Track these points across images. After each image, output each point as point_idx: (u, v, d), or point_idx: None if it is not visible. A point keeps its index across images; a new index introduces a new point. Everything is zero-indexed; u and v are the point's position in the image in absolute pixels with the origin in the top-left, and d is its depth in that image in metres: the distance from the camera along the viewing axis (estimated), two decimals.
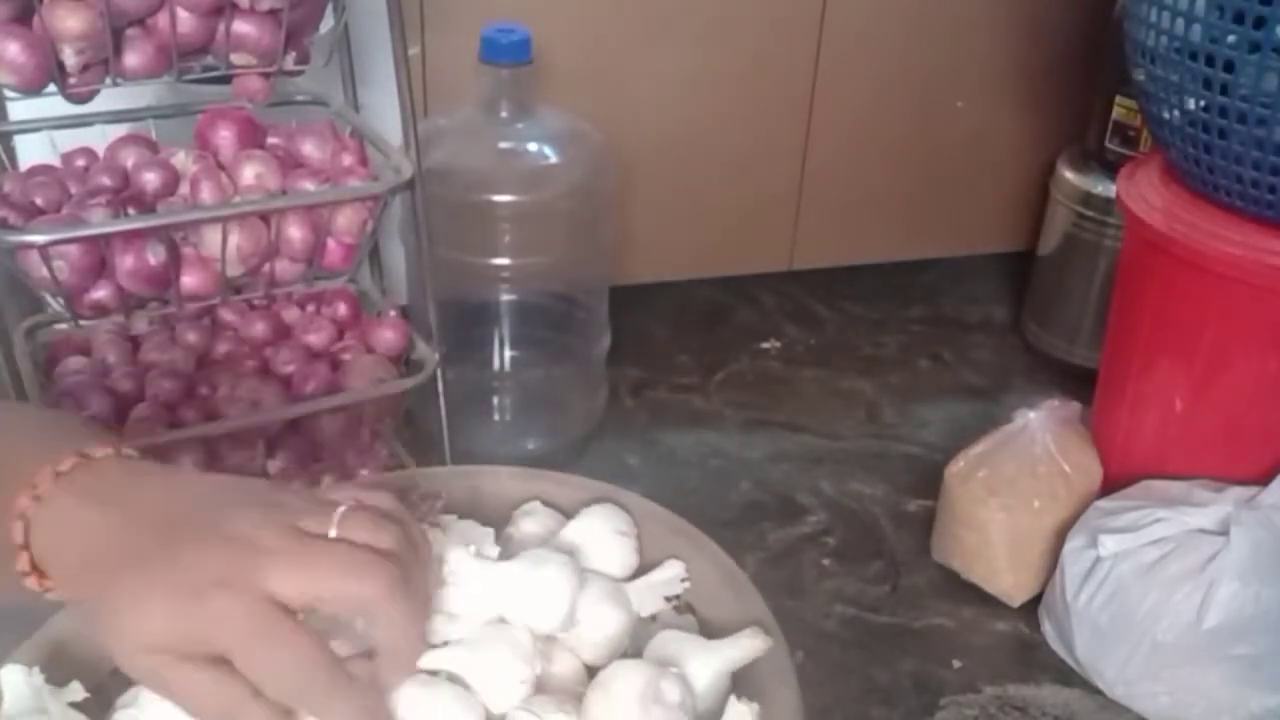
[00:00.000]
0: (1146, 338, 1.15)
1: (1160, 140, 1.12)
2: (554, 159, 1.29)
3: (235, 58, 0.90)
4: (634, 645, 0.60)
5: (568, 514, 0.66)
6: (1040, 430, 1.15)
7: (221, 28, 0.87)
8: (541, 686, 0.56)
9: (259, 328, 1.08)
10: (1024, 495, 1.14)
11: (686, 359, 1.59)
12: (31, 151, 1.02)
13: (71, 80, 0.84)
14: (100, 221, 0.87)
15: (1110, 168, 1.41)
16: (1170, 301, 1.12)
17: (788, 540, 1.27)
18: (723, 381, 1.55)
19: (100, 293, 0.91)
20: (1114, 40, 1.25)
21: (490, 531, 0.64)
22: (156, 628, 0.44)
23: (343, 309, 1.10)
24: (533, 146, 1.30)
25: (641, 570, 0.64)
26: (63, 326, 1.03)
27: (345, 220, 0.97)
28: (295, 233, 0.95)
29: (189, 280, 0.94)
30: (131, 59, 0.86)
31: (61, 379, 1.01)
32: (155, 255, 0.90)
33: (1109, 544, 1.04)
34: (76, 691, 0.53)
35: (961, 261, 1.81)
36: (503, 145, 1.29)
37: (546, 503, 0.67)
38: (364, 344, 1.08)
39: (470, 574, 0.57)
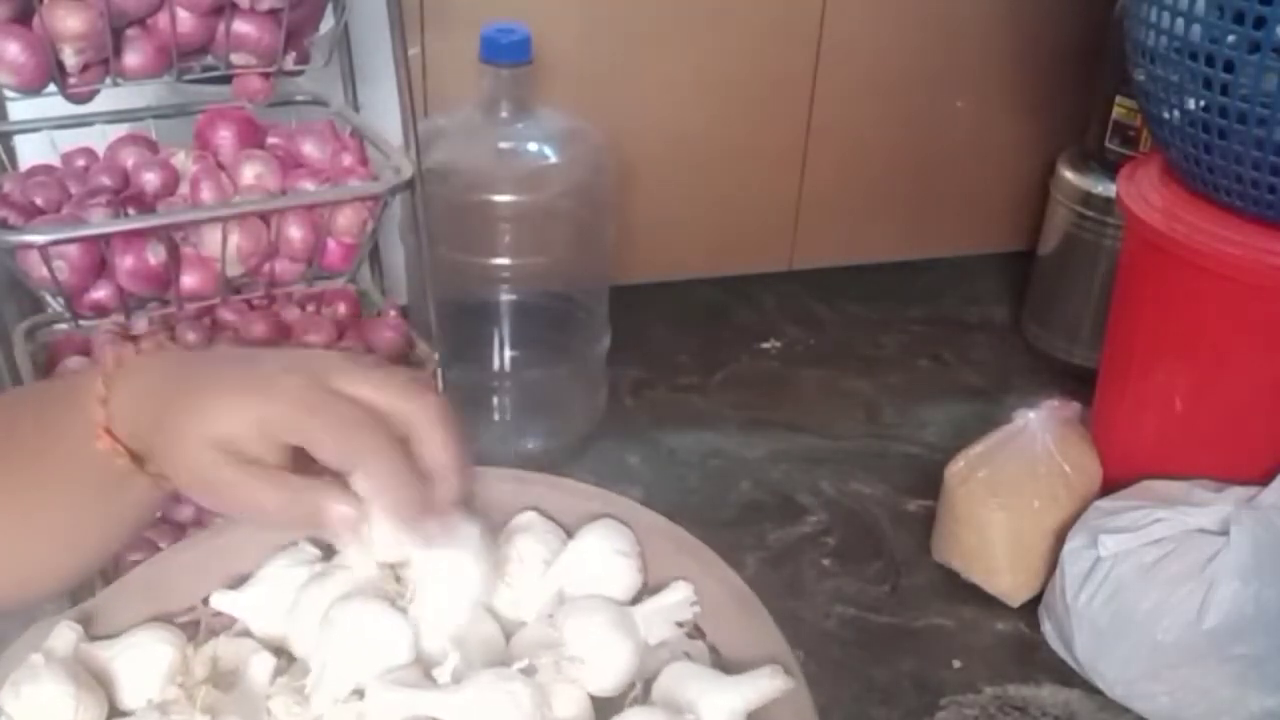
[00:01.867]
0: (1146, 338, 1.15)
1: (1160, 140, 1.12)
2: (554, 159, 1.29)
3: (235, 58, 0.90)
4: (641, 673, 0.58)
5: (563, 524, 0.64)
6: (1040, 430, 1.15)
7: (221, 28, 0.87)
8: None
9: (259, 328, 1.07)
10: (1024, 495, 1.14)
11: (686, 359, 1.59)
12: (31, 151, 1.02)
13: (71, 80, 0.84)
14: (100, 221, 0.87)
15: (1110, 168, 1.41)
16: (1170, 301, 1.12)
17: (788, 540, 1.27)
18: (723, 381, 1.55)
19: (100, 293, 0.91)
20: (1114, 40, 1.25)
21: (480, 532, 0.62)
22: (225, 418, 0.48)
23: (343, 309, 1.10)
24: (533, 146, 1.30)
25: (646, 590, 0.62)
26: (63, 326, 1.03)
27: (345, 220, 0.97)
28: (295, 233, 0.95)
29: (189, 280, 0.94)
30: (131, 59, 0.86)
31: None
32: (155, 255, 0.90)
33: (1109, 544, 1.04)
34: None
35: (961, 261, 1.81)
36: (503, 145, 1.29)
37: (542, 513, 0.65)
38: (364, 344, 1.08)
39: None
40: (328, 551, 0.63)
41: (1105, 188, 1.45)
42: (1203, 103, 1.03)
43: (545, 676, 0.55)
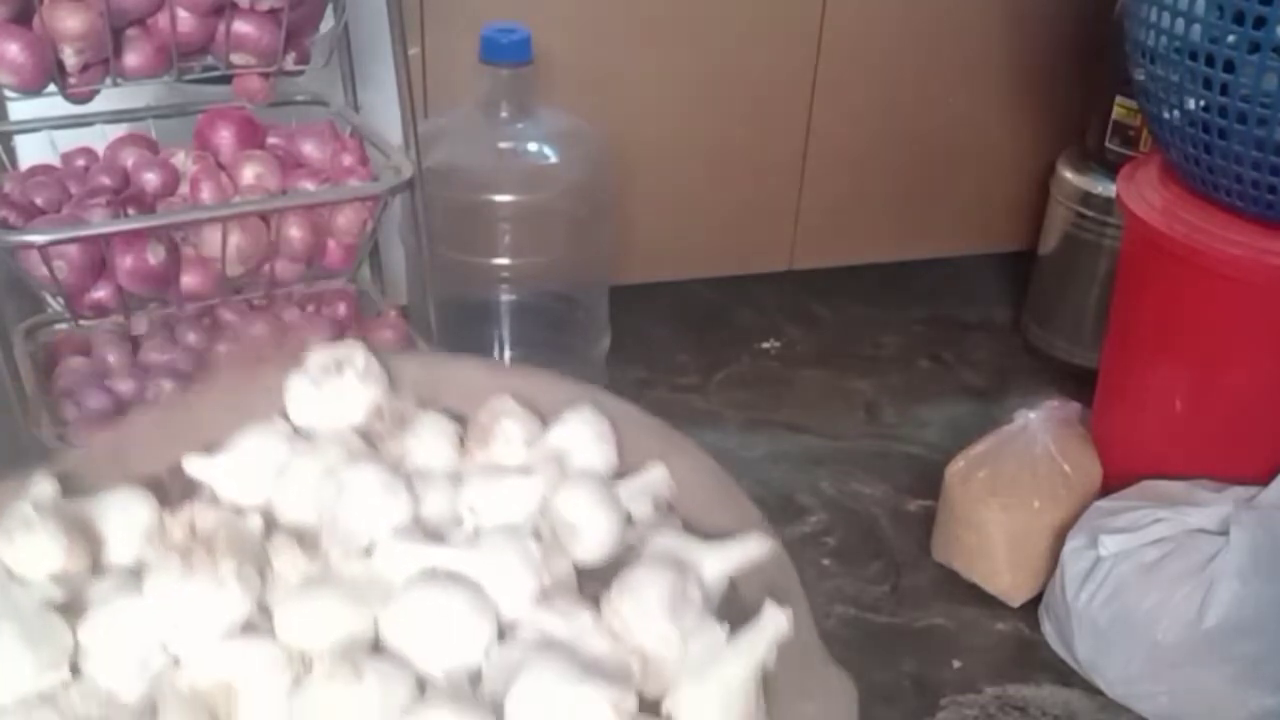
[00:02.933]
0: (1146, 338, 1.15)
1: (1160, 140, 1.12)
2: (554, 159, 1.29)
3: (235, 58, 0.90)
4: (621, 547, 0.61)
5: (540, 412, 0.67)
6: (1040, 430, 1.15)
7: (221, 28, 0.87)
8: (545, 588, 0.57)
9: (259, 328, 1.07)
10: (1024, 495, 1.14)
11: (686, 359, 1.59)
12: (31, 151, 1.02)
13: (71, 80, 0.84)
14: (100, 221, 0.87)
15: (1110, 168, 1.41)
16: (1170, 301, 1.12)
17: (788, 540, 1.25)
18: (723, 381, 1.55)
19: (100, 293, 0.91)
20: (1114, 40, 1.25)
21: (451, 426, 0.66)
22: None
23: (343, 309, 1.10)
24: (533, 146, 1.30)
25: (620, 474, 0.65)
26: (63, 326, 1.03)
27: (345, 220, 0.97)
28: (295, 233, 0.95)
29: (189, 280, 0.94)
30: (131, 59, 0.86)
31: (61, 379, 1.01)
32: (155, 255, 0.91)
33: (1109, 544, 1.04)
34: None
35: (961, 261, 1.81)
36: (503, 145, 1.29)
37: (516, 398, 0.68)
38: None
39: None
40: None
41: (1105, 188, 1.45)
42: (1203, 103, 1.03)
43: (543, 542, 0.59)
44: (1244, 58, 0.97)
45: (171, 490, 0.63)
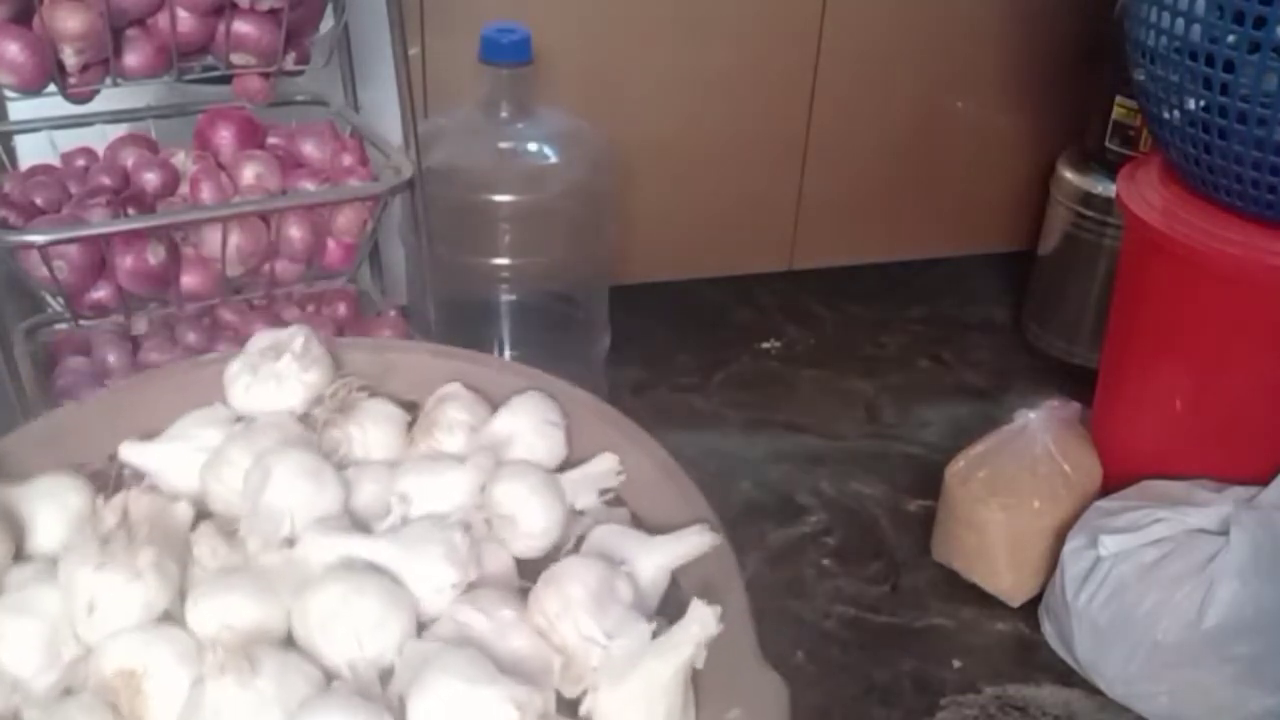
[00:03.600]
0: (1146, 338, 1.15)
1: (1160, 140, 1.12)
2: (554, 159, 1.29)
3: (235, 58, 0.90)
4: (565, 538, 0.59)
5: (489, 397, 0.65)
6: (1040, 430, 1.15)
7: (221, 28, 0.87)
8: (473, 582, 0.55)
9: (259, 328, 1.07)
10: (1024, 495, 1.14)
11: (686, 359, 1.59)
12: (31, 151, 1.02)
13: (71, 80, 0.84)
14: (100, 221, 0.87)
15: (1110, 168, 1.41)
16: (1170, 301, 1.12)
17: (788, 540, 1.27)
18: (723, 381, 1.55)
19: (100, 293, 0.91)
20: (1114, 40, 1.25)
21: (399, 413, 0.64)
22: None
23: (343, 309, 1.10)
24: (533, 146, 1.30)
25: (571, 464, 0.63)
26: (63, 326, 1.03)
27: (345, 220, 0.97)
28: (295, 233, 0.95)
29: (189, 280, 0.94)
30: (131, 59, 0.86)
31: (61, 379, 1.01)
32: (155, 255, 0.91)
33: (1109, 544, 1.04)
34: None
35: (961, 261, 1.81)
36: (503, 145, 1.29)
37: (467, 385, 0.66)
38: None
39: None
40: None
41: (1105, 188, 1.45)
42: (1203, 103, 1.03)
43: (476, 534, 0.57)
44: (1244, 58, 0.97)
45: (111, 478, 0.62)
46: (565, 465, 0.63)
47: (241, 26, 0.88)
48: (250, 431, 0.62)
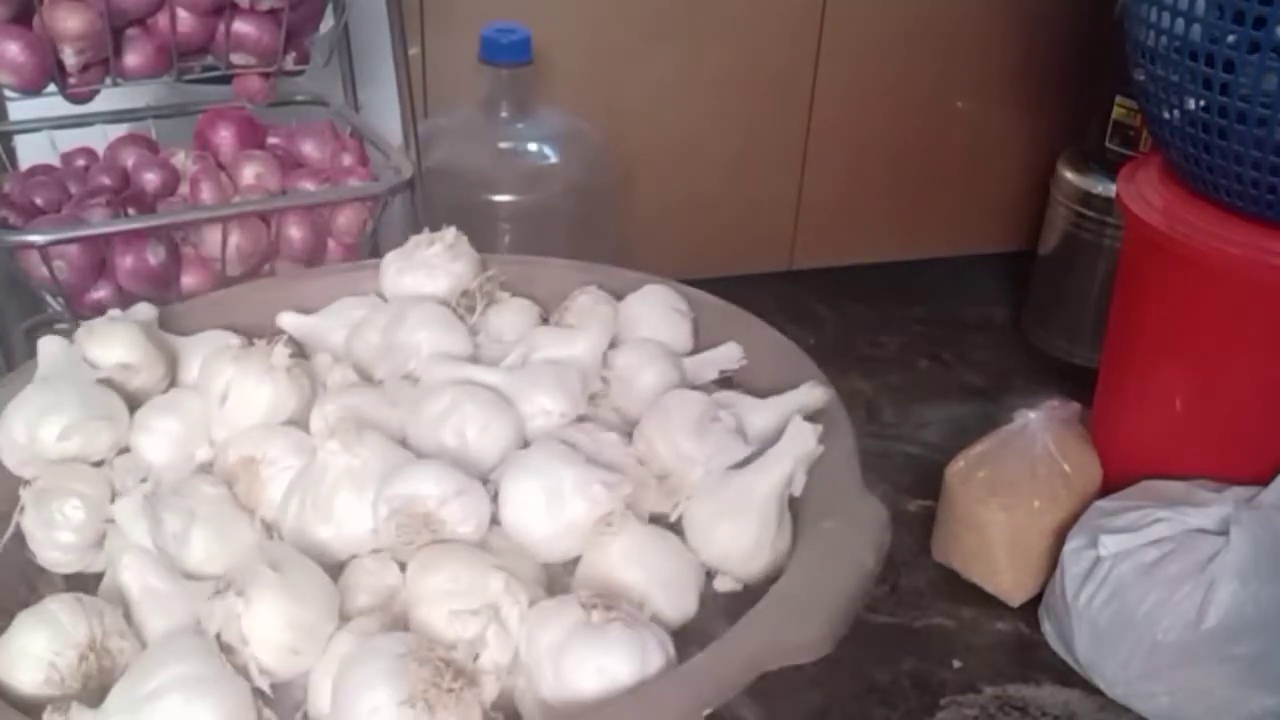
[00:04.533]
0: (1146, 338, 1.15)
1: (1160, 140, 1.12)
2: (554, 159, 1.29)
3: (235, 58, 0.90)
4: None
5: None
6: (1040, 430, 1.15)
7: (221, 28, 0.87)
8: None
9: None
10: (1024, 495, 1.14)
11: None
12: (31, 151, 1.02)
13: (71, 80, 0.84)
14: (100, 221, 0.87)
15: (1110, 168, 1.41)
16: (1170, 301, 1.12)
17: None
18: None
19: (100, 293, 0.91)
20: (1114, 40, 1.25)
21: (535, 309, 0.68)
22: None
23: None
24: (533, 146, 1.30)
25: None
26: (63, 326, 1.03)
27: (345, 220, 0.97)
28: (295, 233, 0.95)
29: (189, 280, 0.94)
30: (131, 59, 0.86)
31: None
32: (155, 255, 0.91)
33: (1109, 544, 1.04)
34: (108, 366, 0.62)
35: (961, 261, 1.81)
36: (503, 145, 1.29)
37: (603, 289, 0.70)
38: None
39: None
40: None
41: (1105, 188, 1.45)
42: (1203, 103, 1.03)
43: (591, 386, 0.59)
44: (1244, 58, 0.97)
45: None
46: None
47: (241, 26, 0.88)
48: (394, 304, 0.67)
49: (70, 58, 0.82)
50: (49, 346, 0.63)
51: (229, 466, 0.56)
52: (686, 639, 0.49)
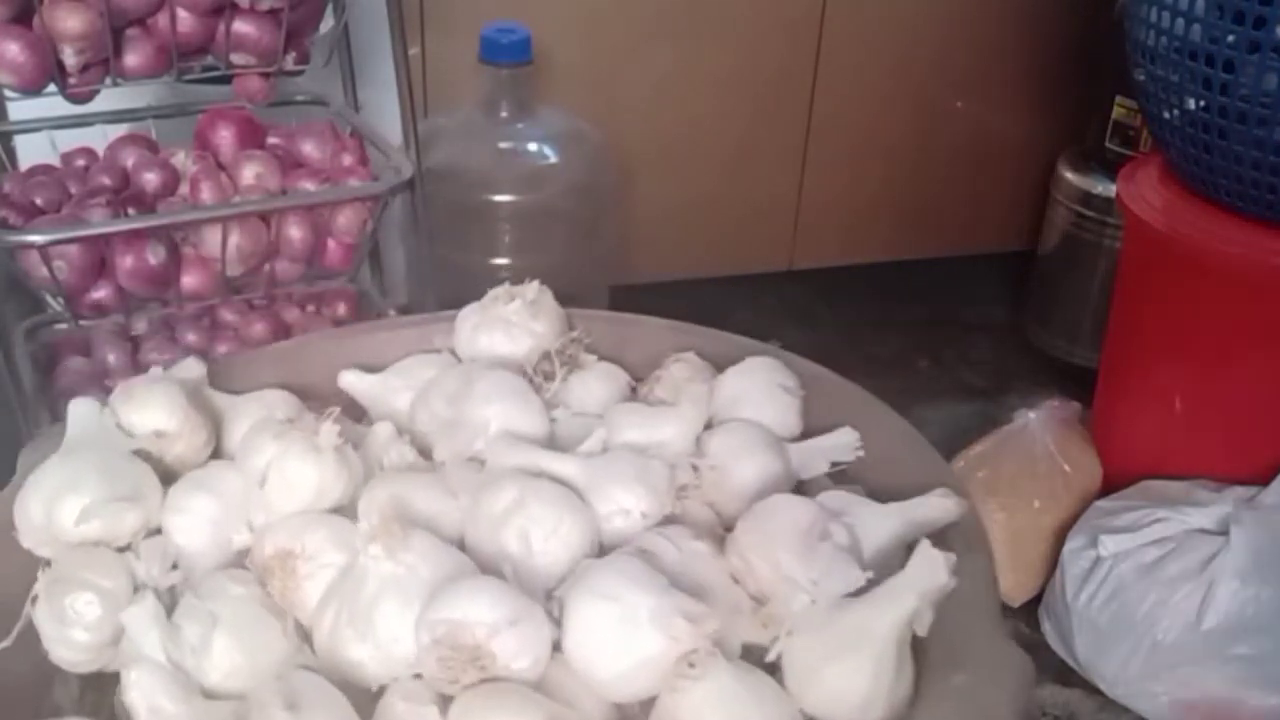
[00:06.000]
0: (1146, 338, 1.15)
1: (1160, 140, 1.12)
2: (554, 159, 1.29)
3: (235, 58, 0.90)
4: None
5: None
6: (1040, 430, 1.15)
7: (221, 28, 0.87)
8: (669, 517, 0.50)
9: (259, 328, 1.07)
10: (1024, 495, 1.14)
11: None
12: (31, 151, 1.02)
13: (71, 80, 0.84)
14: (100, 221, 0.87)
15: (1110, 168, 1.41)
16: (1170, 301, 1.11)
17: None
18: None
19: (100, 293, 0.91)
20: (1114, 40, 1.25)
21: (625, 376, 0.61)
22: None
23: (343, 309, 1.10)
24: (533, 146, 1.29)
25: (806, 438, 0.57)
26: (63, 326, 1.03)
27: (345, 220, 0.97)
28: (295, 233, 0.95)
29: (189, 280, 0.94)
30: (131, 59, 0.86)
31: (61, 379, 1.01)
32: (155, 255, 0.90)
33: (1109, 544, 1.04)
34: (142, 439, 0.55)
35: (961, 261, 1.81)
36: (503, 145, 1.29)
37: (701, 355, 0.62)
38: None
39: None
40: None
41: (1105, 188, 1.45)
42: (1203, 103, 1.03)
43: (680, 477, 0.51)
44: (1244, 58, 0.97)
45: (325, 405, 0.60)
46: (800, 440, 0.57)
47: (241, 26, 0.88)
48: (468, 368, 0.60)
49: (70, 58, 0.82)
50: (78, 410, 0.57)
51: (264, 560, 0.51)
52: None
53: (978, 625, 0.44)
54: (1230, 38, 0.98)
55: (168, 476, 0.55)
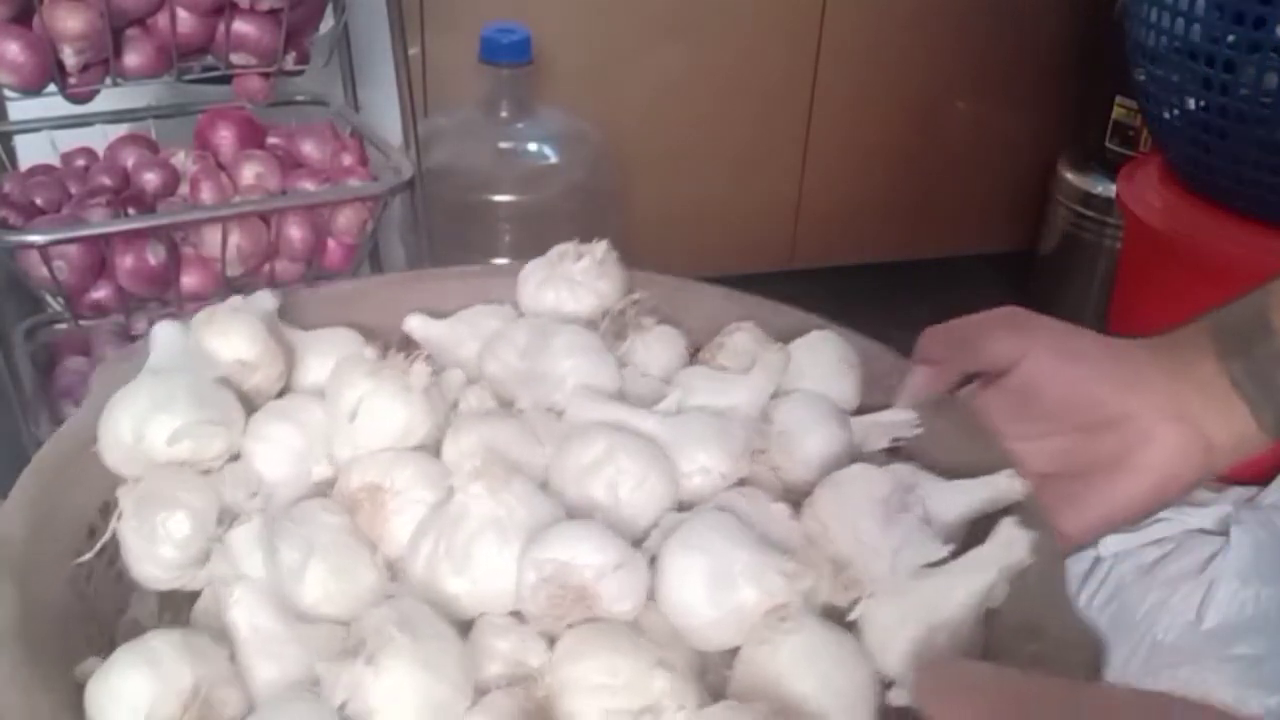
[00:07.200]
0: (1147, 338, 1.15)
1: (1160, 140, 1.12)
2: (554, 159, 1.29)
3: (235, 58, 0.90)
4: None
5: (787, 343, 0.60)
6: None
7: (221, 28, 0.87)
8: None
9: None
10: None
11: None
12: (31, 151, 1.02)
13: (71, 80, 0.84)
14: (100, 221, 0.87)
15: (1110, 168, 1.41)
16: (1170, 301, 1.11)
17: None
18: None
19: (100, 293, 0.91)
20: (1114, 40, 1.25)
21: (683, 341, 0.61)
22: None
23: None
24: (533, 146, 1.29)
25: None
26: (63, 326, 1.03)
27: (345, 220, 0.97)
28: (295, 233, 0.95)
29: (189, 280, 0.94)
30: (131, 59, 0.86)
31: (61, 379, 1.01)
32: (155, 255, 0.90)
33: (1109, 544, 1.04)
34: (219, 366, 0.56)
35: (961, 261, 1.81)
36: (503, 145, 1.29)
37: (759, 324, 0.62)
38: None
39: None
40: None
41: (1105, 188, 1.45)
42: (1203, 103, 1.03)
43: (751, 444, 0.52)
44: (1244, 58, 0.97)
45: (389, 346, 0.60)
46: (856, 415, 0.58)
47: (241, 26, 0.88)
48: (539, 322, 0.60)
49: (70, 58, 0.82)
50: (164, 333, 0.57)
51: (351, 492, 0.51)
52: None
53: (1051, 599, 0.45)
54: (1230, 38, 0.98)
55: (244, 406, 0.55)
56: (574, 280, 0.63)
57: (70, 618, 0.48)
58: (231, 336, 0.56)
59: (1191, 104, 1.04)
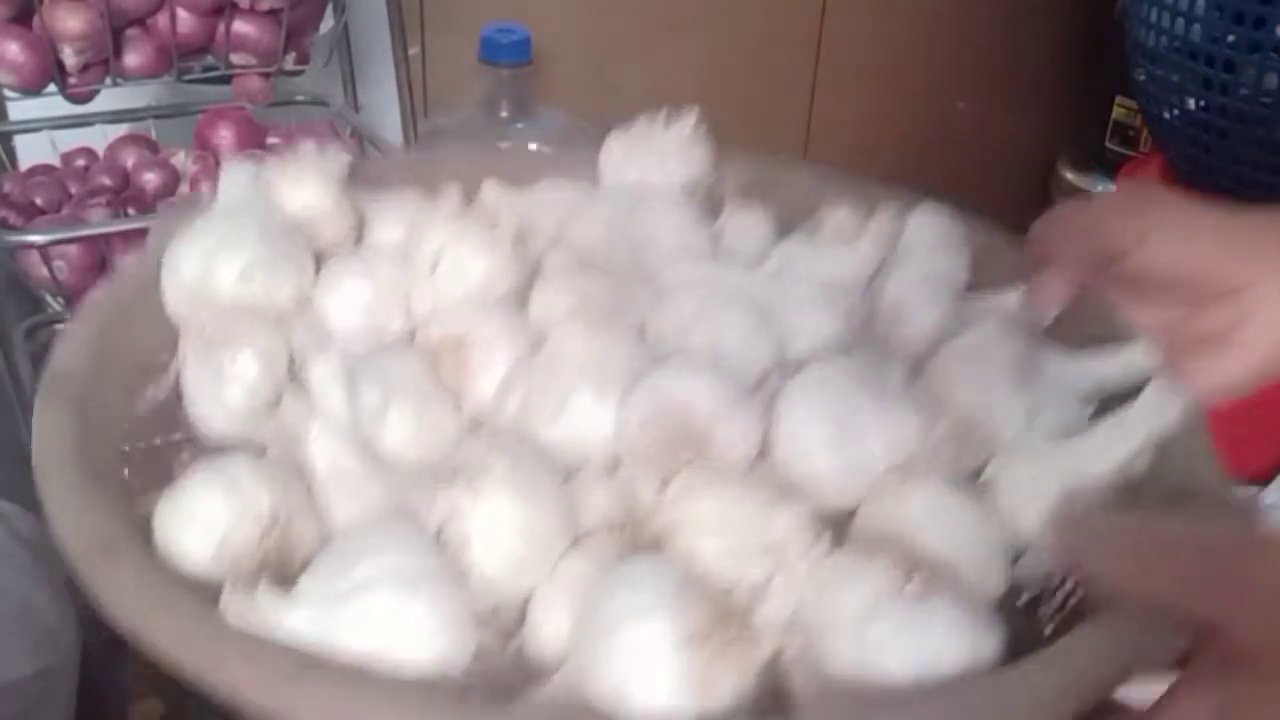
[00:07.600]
0: None
1: (1160, 140, 1.12)
2: None
3: (235, 58, 0.90)
4: None
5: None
6: None
7: (221, 28, 0.87)
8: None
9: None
10: None
11: None
12: (31, 151, 1.02)
13: (71, 80, 0.84)
14: (100, 221, 0.87)
15: (1110, 168, 1.41)
16: None
17: None
18: None
19: None
20: (1114, 40, 1.25)
21: (772, 218, 0.58)
22: None
23: None
24: (533, 146, 1.29)
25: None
26: (62, 326, 1.03)
27: None
28: None
29: None
30: (131, 59, 0.86)
31: None
32: None
33: None
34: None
35: None
36: (503, 145, 1.29)
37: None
38: None
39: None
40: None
41: (1105, 188, 1.45)
42: (1203, 103, 1.03)
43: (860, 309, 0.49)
44: (1244, 58, 0.97)
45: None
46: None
47: (241, 26, 0.88)
48: (621, 193, 0.57)
49: (70, 58, 0.82)
50: (234, 174, 0.53)
51: (432, 344, 0.48)
52: None
53: (1201, 465, 0.41)
54: (1230, 38, 0.98)
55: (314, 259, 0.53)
56: (663, 152, 0.60)
57: (132, 459, 0.46)
58: (304, 186, 0.53)
59: (1191, 104, 1.04)
